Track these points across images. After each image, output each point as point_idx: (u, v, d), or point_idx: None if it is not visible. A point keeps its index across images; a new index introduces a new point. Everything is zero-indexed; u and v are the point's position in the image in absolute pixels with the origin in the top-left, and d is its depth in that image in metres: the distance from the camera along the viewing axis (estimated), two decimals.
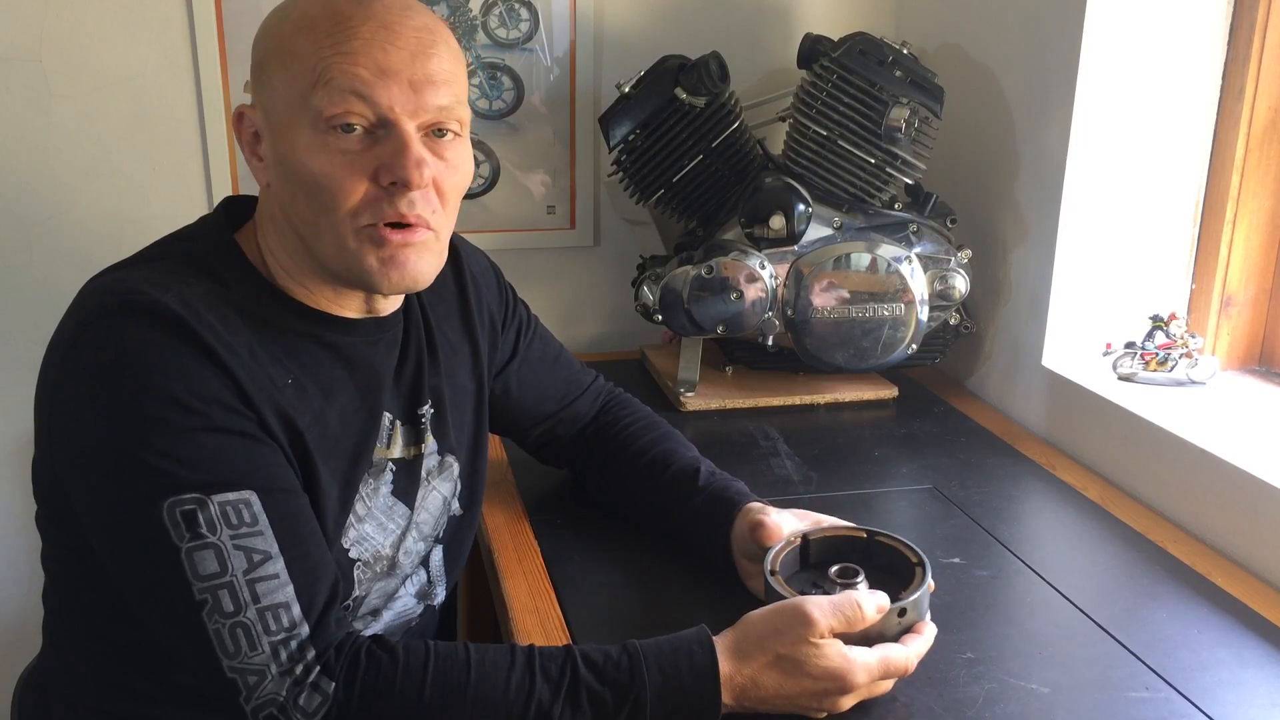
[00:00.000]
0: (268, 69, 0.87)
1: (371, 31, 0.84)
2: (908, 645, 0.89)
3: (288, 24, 0.86)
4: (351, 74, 0.83)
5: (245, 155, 0.91)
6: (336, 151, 0.84)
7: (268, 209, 0.92)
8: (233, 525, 0.79)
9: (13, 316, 1.64)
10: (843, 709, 0.87)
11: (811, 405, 1.58)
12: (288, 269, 0.92)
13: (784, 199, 1.44)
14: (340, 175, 0.84)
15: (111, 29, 1.57)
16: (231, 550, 0.79)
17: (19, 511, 1.70)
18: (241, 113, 0.90)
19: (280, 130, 0.86)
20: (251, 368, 0.85)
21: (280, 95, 0.86)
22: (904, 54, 1.47)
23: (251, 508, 0.80)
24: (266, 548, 0.80)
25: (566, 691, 0.82)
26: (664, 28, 1.75)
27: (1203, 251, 1.44)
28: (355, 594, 0.96)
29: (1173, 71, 1.39)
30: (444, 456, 1.05)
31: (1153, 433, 1.27)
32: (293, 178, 0.86)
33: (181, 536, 0.78)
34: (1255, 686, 0.93)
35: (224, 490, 0.80)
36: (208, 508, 0.79)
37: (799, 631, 0.85)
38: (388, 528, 0.98)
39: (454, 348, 1.07)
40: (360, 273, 0.88)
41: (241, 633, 0.78)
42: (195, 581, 0.78)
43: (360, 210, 0.86)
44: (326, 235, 0.87)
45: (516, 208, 1.78)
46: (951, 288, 1.49)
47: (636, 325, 1.72)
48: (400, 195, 0.85)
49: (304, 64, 0.84)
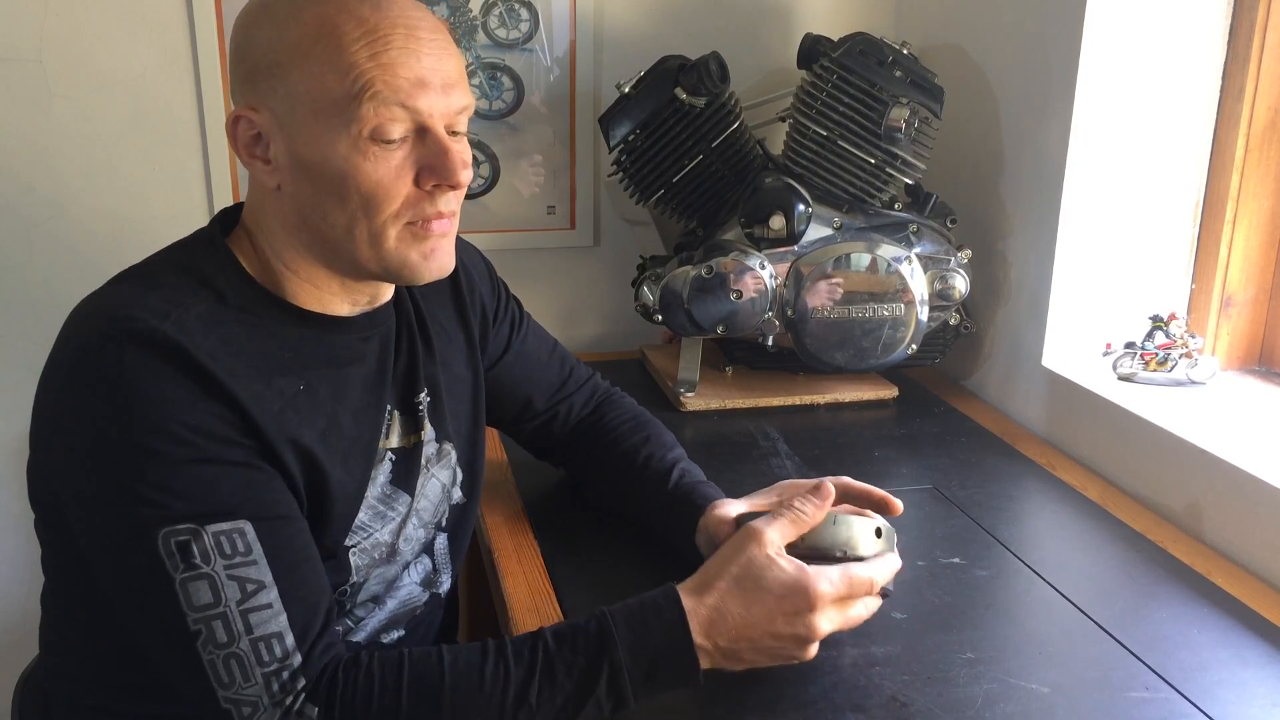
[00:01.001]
0: (280, 75, 0.86)
1: (402, 40, 0.85)
2: (870, 565, 0.91)
3: (300, 29, 0.85)
4: (395, 86, 0.84)
5: (243, 158, 0.90)
6: (381, 160, 0.86)
7: (275, 210, 0.92)
8: (226, 555, 0.80)
9: (13, 316, 1.64)
10: (819, 633, 0.87)
11: (811, 405, 1.58)
12: (294, 269, 0.92)
13: (784, 199, 1.44)
14: (386, 182, 0.87)
15: (111, 29, 1.57)
16: (225, 580, 0.79)
17: (19, 512, 1.69)
18: (240, 116, 0.89)
19: (302, 135, 0.86)
20: (256, 388, 0.85)
21: (303, 100, 0.85)
22: (904, 54, 1.47)
23: (245, 537, 0.81)
24: (260, 577, 0.80)
25: (541, 670, 0.82)
26: (664, 28, 1.75)
27: (1203, 251, 1.44)
28: (352, 580, 0.96)
29: (1173, 71, 1.39)
30: (442, 444, 1.06)
31: (1153, 433, 1.27)
32: (322, 182, 0.87)
33: (176, 567, 0.79)
34: (1255, 686, 0.93)
35: (218, 520, 0.80)
36: (202, 538, 0.79)
37: (750, 549, 0.87)
38: (387, 516, 0.99)
39: (449, 336, 1.08)
40: (401, 267, 0.91)
41: (235, 664, 0.79)
42: (190, 612, 0.79)
43: (403, 212, 0.89)
44: (363, 237, 0.89)
45: (516, 208, 1.78)
46: (951, 288, 1.49)
47: (636, 325, 1.72)
48: (442, 195, 0.89)
49: (338, 75, 0.84)
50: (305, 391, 0.90)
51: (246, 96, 0.89)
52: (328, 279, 0.93)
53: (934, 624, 1.01)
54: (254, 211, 0.94)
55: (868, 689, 0.91)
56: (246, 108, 0.88)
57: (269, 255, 0.93)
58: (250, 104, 0.88)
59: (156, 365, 0.81)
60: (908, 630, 1.00)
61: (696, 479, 1.13)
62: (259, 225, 0.93)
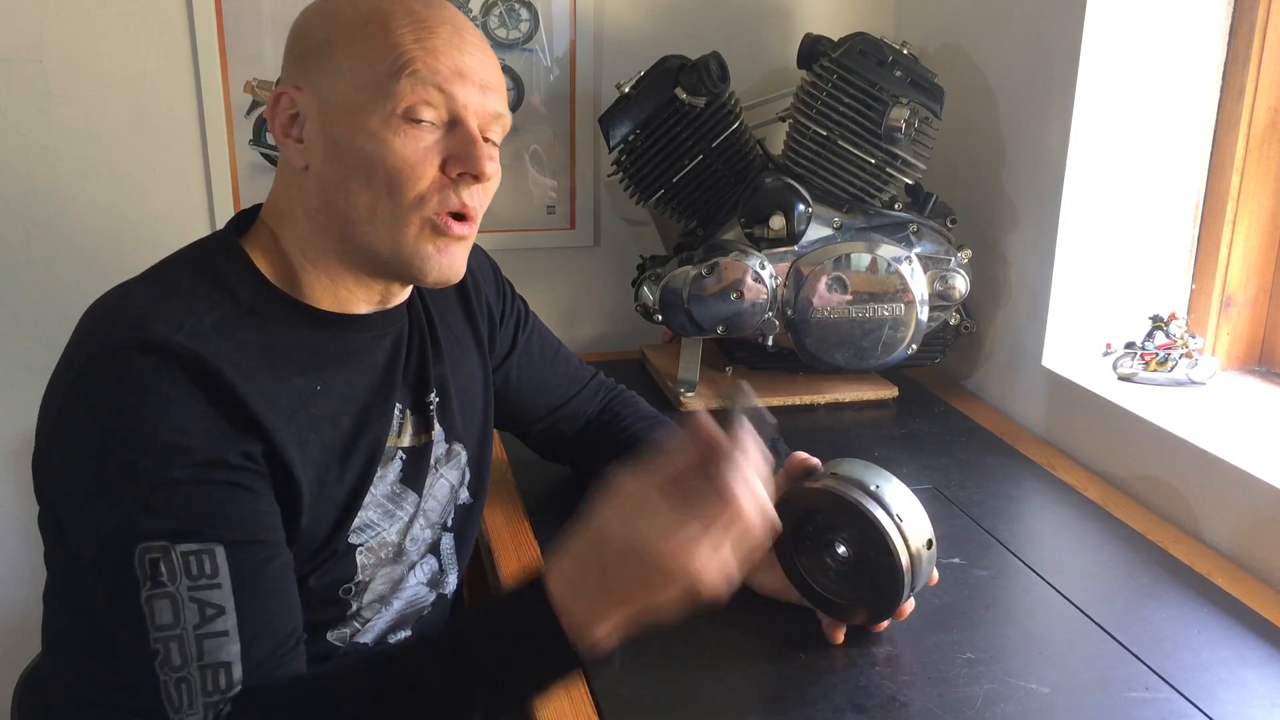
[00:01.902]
0: (327, 54, 0.89)
1: (448, 35, 0.88)
2: None
3: (355, 13, 0.89)
4: (434, 68, 0.87)
5: (277, 137, 0.91)
6: (410, 138, 0.87)
7: (298, 194, 0.92)
8: (192, 576, 0.79)
9: (13, 316, 1.64)
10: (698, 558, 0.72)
11: (811, 405, 1.58)
12: (312, 261, 0.93)
13: (784, 199, 1.44)
14: (412, 161, 0.87)
15: (111, 29, 1.57)
16: (186, 602, 0.79)
17: (19, 511, 1.69)
18: (283, 94, 0.90)
19: (340, 114, 0.88)
20: (272, 390, 0.86)
21: (346, 80, 0.88)
22: (904, 54, 1.47)
23: (214, 559, 0.80)
24: (221, 602, 0.80)
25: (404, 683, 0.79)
26: (664, 28, 1.75)
27: (1203, 251, 1.44)
28: (358, 579, 0.96)
29: (1172, 72, 1.39)
30: (451, 445, 1.06)
31: (1153, 433, 1.27)
32: (353, 161, 0.88)
33: (144, 583, 0.79)
34: (1255, 686, 0.93)
35: (189, 540, 0.80)
36: (171, 556, 0.79)
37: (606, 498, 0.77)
38: (395, 515, 0.99)
39: (457, 338, 1.09)
40: (411, 258, 0.90)
41: (185, 689, 0.79)
42: (152, 630, 0.79)
43: (427, 197, 0.89)
44: (384, 220, 0.89)
45: (516, 208, 1.78)
46: (951, 288, 1.50)
47: (636, 325, 1.72)
48: (465, 186, 0.89)
49: (381, 53, 0.87)
50: (321, 391, 0.91)
51: (293, 77, 0.91)
52: (343, 273, 0.94)
53: (934, 624, 1.01)
54: (277, 203, 0.95)
55: (868, 689, 0.92)
56: (291, 86, 0.90)
57: (289, 249, 0.93)
58: (295, 83, 0.90)
59: (162, 378, 0.81)
60: (908, 630, 1.00)
61: None
62: (281, 216, 0.94)
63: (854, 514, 0.93)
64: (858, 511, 0.93)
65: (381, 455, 0.97)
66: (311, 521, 0.90)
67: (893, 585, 0.93)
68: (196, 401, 0.82)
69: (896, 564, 0.92)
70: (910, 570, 0.93)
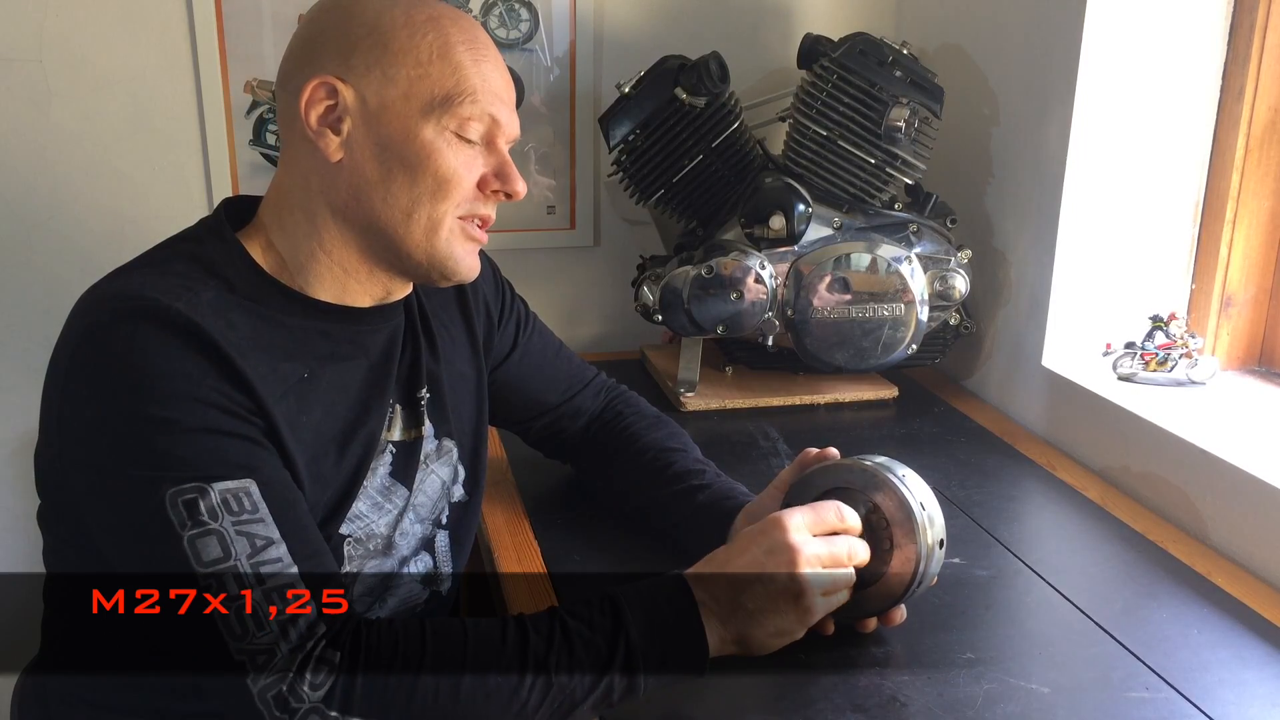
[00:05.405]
0: (379, 57, 0.90)
1: (493, 60, 0.95)
2: None
3: (412, 25, 0.91)
4: (489, 95, 0.93)
5: (310, 126, 0.91)
6: (460, 151, 0.93)
7: (322, 186, 0.93)
8: (234, 512, 0.80)
9: (12, 316, 1.64)
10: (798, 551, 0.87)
11: (811, 405, 1.58)
12: (328, 250, 0.94)
13: (784, 199, 1.44)
14: (462, 173, 0.93)
15: (111, 29, 1.57)
16: (234, 536, 0.80)
17: (19, 511, 1.69)
18: (327, 84, 0.90)
19: (392, 118, 0.91)
20: (262, 370, 0.87)
21: (399, 84, 0.90)
22: (904, 54, 1.47)
23: (251, 496, 0.82)
24: (268, 534, 0.81)
25: (560, 641, 0.83)
26: (664, 28, 1.75)
27: (1203, 251, 1.44)
28: (345, 569, 0.97)
29: (1172, 72, 1.39)
30: (441, 441, 1.06)
31: (1153, 433, 1.27)
32: (397, 161, 0.91)
33: (184, 524, 0.79)
34: (1255, 686, 0.93)
35: (223, 479, 0.81)
36: (208, 495, 0.80)
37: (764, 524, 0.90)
38: (384, 507, 1.00)
39: (451, 336, 1.10)
40: (445, 259, 0.95)
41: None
42: (199, 568, 0.79)
43: (463, 205, 0.95)
44: (421, 220, 0.93)
45: (516, 208, 1.78)
46: (951, 288, 1.50)
47: (636, 325, 1.72)
48: (494, 201, 0.97)
49: (444, 72, 0.91)
50: (309, 379, 0.92)
51: (336, 67, 0.90)
52: (359, 264, 0.95)
53: (934, 624, 1.01)
54: (286, 193, 0.95)
55: (868, 689, 0.92)
56: (333, 77, 0.90)
57: (297, 239, 0.94)
58: (338, 75, 0.90)
59: (168, 340, 0.82)
60: (908, 630, 0.99)
61: (729, 482, 1.14)
62: (292, 206, 0.94)
63: (883, 485, 0.96)
64: (890, 486, 0.95)
65: (377, 447, 0.98)
66: (309, 506, 0.90)
67: (903, 571, 0.94)
68: (202, 367, 0.83)
69: (915, 550, 0.93)
70: (922, 559, 0.93)
